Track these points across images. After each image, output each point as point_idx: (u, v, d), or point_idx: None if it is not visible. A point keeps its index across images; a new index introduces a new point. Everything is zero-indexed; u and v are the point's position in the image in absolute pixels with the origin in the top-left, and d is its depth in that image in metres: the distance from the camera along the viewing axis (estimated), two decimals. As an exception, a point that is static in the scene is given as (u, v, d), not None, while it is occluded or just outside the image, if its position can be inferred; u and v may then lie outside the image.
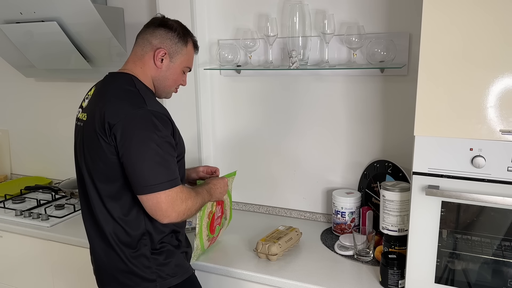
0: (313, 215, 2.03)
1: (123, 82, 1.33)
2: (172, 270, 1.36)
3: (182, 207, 1.26)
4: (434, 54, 1.22)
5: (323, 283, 1.46)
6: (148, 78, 1.38)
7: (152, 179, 1.22)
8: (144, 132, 1.22)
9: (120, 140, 1.23)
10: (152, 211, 1.24)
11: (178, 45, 1.38)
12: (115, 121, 1.23)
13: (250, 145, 2.09)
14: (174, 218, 1.25)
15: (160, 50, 1.35)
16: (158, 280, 1.34)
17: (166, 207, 1.23)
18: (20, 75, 2.57)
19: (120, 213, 1.32)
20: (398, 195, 1.46)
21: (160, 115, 1.27)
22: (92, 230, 1.40)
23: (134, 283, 1.33)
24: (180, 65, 1.41)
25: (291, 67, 1.75)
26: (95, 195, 1.33)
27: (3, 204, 2.25)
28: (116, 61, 2.12)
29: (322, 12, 1.80)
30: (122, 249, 1.33)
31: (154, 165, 1.22)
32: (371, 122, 1.83)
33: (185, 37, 1.40)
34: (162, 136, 1.24)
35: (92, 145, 1.29)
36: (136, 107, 1.25)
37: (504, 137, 1.19)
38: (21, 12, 2.00)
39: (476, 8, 1.16)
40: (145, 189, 1.22)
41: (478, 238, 1.29)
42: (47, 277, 2.02)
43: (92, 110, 1.31)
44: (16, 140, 2.78)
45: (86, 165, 1.34)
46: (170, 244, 1.38)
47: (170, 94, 1.47)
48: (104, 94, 1.32)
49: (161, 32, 1.37)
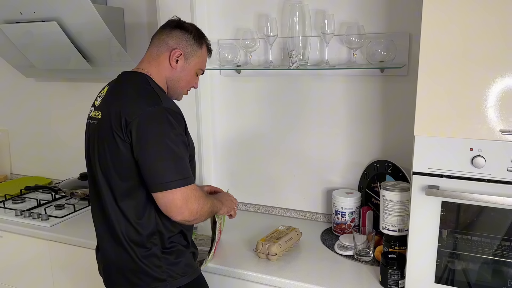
0: (313, 215, 2.03)
1: (138, 81, 1.35)
2: (182, 270, 1.37)
3: (195, 205, 1.27)
4: (434, 54, 1.22)
5: (323, 283, 1.46)
6: (162, 78, 1.39)
7: (168, 176, 1.23)
8: (159, 129, 1.24)
9: (135, 137, 1.24)
10: (167, 208, 1.25)
11: (193, 47, 1.41)
12: (131, 118, 1.24)
13: (250, 145, 2.09)
14: (187, 216, 1.26)
15: (176, 50, 1.37)
16: (169, 280, 1.34)
17: (181, 204, 1.24)
18: (20, 75, 2.57)
19: (133, 212, 1.32)
20: (398, 195, 1.46)
21: (175, 113, 1.28)
22: (102, 229, 1.40)
23: (144, 282, 1.33)
24: (194, 66, 1.43)
25: (291, 67, 1.75)
26: (109, 194, 1.33)
27: (3, 204, 2.25)
28: (116, 61, 2.12)
29: (322, 12, 1.80)
30: (133, 248, 1.33)
31: (169, 162, 1.24)
32: (371, 122, 1.83)
33: (200, 39, 1.43)
34: (177, 134, 1.26)
35: (108, 143, 1.29)
36: (152, 104, 1.26)
37: (504, 137, 1.19)
38: (21, 12, 2.00)
39: (476, 8, 1.16)
40: (160, 186, 1.23)
41: (478, 238, 1.29)
42: (47, 277, 2.02)
43: (108, 108, 1.31)
44: (16, 140, 2.78)
45: (100, 163, 1.33)
46: (180, 244, 1.38)
47: (181, 96, 1.49)
48: (120, 92, 1.33)
49: (178, 34, 1.39)
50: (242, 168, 2.12)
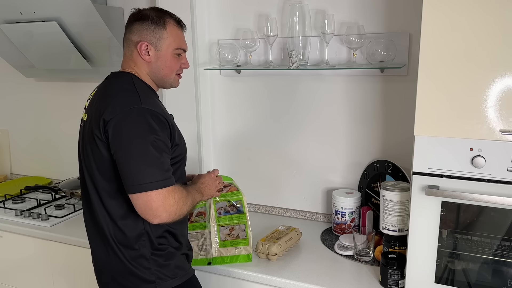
0: (313, 215, 2.03)
1: (122, 81, 1.34)
2: (171, 272, 1.36)
3: (173, 208, 1.22)
4: (434, 54, 1.22)
5: (323, 283, 1.46)
6: (144, 75, 1.37)
7: (142, 178, 1.19)
8: (136, 130, 1.21)
9: (112, 137, 1.23)
10: (142, 211, 1.21)
11: (156, 32, 1.33)
12: (108, 117, 1.23)
13: (250, 145, 2.09)
14: (165, 218, 1.22)
15: (141, 43, 1.33)
16: (158, 282, 1.33)
17: (156, 206, 1.19)
18: (20, 75, 2.57)
19: (119, 212, 1.31)
20: (398, 195, 1.46)
21: (155, 113, 1.25)
22: (92, 231, 1.40)
23: (133, 284, 1.33)
24: (168, 50, 1.36)
25: (291, 67, 1.75)
26: (95, 195, 1.33)
27: (3, 204, 2.25)
28: (116, 61, 2.12)
29: (322, 12, 1.80)
30: (121, 250, 1.33)
31: (145, 164, 1.20)
32: (371, 122, 1.83)
33: (160, 20, 1.34)
34: (156, 134, 1.23)
35: (90, 144, 1.30)
36: (131, 104, 1.24)
37: (504, 137, 1.19)
38: (21, 12, 2.00)
39: (476, 8, 1.16)
40: (135, 188, 1.19)
41: (478, 238, 1.29)
42: (47, 277, 2.02)
43: (92, 110, 1.32)
44: (16, 140, 2.78)
45: (86, 165, 1.34)
46: (171, 246, 1.37)
47: (175, 82, 1.43)
48: (105, 94, 1.33)
49: (137, 26, 1.34)
50: (242, 168, 2.12)
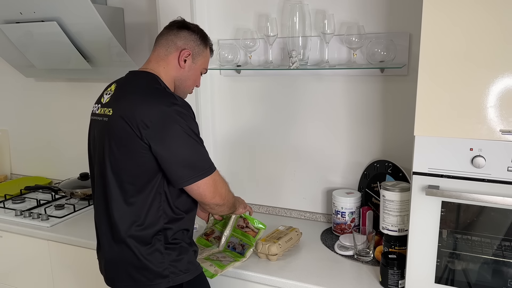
0: (313, 215, 2.03)
1: (149, 80, 1.36)
2: (185, 266, 1.38)
3: (223, 189, 1.41)
4: (434, 54, 1.22)
5: (323, 283, 1.46)
6: (170, 78, 1.42)
7: (199, 168, 1.31)
8: (180, 126, 1.28)
9: (157, 138, 1.26)
10: (201, 197, 1.35)
11: (200, 47, 1.46)
12: (151, 119, 1.26)
13: (250, 145, 2.09)
14: (219, 200, 1.39)
15: (185, 51, 1.41)
16: (171, 276, 1.35)
17: (213, 189, 1.36)
18: (20, 75, 2.57)
19: (140, 210, 1.33)
20: (398, 195, 1.46)
21: (189, 109, 1.33)
22: (105, 226, 1.40)
23: (147, 279, 1.34)
24: (200, 66, 1.49)
25: (291, 67, 1.75)
26: (117, 192, 1.34)
27: (3, 204, 2.25)
28: (116, 61, 2.12)
29: (322, 12, 1.80)
30: (136, 246, 1.34)
31: (197, 155, 1.32)
32: (371, 122, 1.83)
33: (205, 40, 1.48)
34: (194, 126, 1.32)
35: (122, 142, 1.30)
36: (169, 103, 1.29)
37: (504, 137, 1.19)
38: (21, 12, 2.00)
39: (476, 7, 1.16)
40: (193, 179, 1.30)
41: (478, 238, 1.29)
42: (47, 277, 2.02)
43: (119, 107, 1.32)
44: (16, 140, 2.78)
45: (111, 162, 1.33)
46: (184, 241, 1.40)
47: (186, 95, 1.51)
48: (132, 92, 1.34)
49: (185, 34, 1.43)
50: (242, 168, 2.12)
